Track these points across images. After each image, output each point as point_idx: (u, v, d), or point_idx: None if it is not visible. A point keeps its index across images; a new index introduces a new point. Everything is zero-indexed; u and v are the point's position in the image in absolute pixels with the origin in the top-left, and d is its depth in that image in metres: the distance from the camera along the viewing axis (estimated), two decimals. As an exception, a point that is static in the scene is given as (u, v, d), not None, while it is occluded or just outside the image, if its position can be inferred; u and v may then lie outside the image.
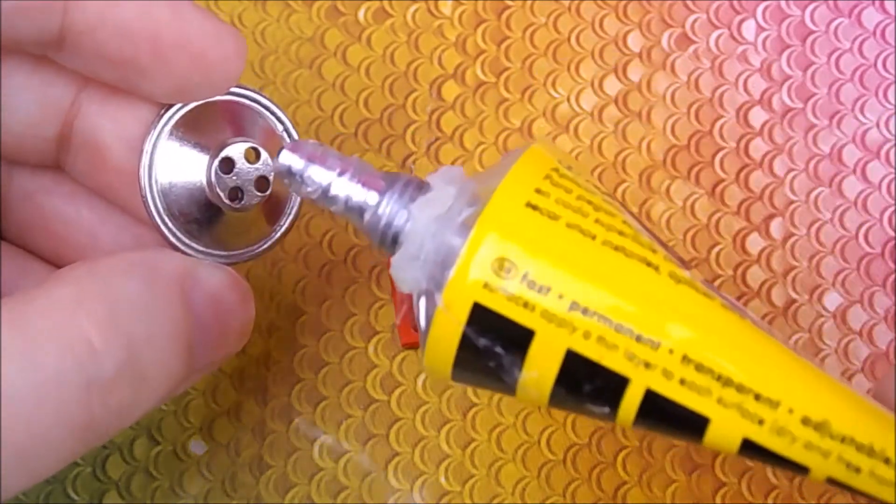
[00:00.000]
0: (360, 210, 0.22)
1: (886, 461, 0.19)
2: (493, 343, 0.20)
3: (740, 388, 0.19)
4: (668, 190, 0.30)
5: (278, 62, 0.32)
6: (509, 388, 0.21)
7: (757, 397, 0.19)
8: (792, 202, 0.30)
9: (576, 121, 0.31)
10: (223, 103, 0.25)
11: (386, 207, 0.22)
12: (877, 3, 0.32)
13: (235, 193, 0.25)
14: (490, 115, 0.31)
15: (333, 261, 0.30)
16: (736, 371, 0.19)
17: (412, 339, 0.29)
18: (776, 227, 0.30)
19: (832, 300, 0.30)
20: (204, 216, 0.25)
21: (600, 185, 0.21)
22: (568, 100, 0.31)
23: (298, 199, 0.25)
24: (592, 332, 0.19)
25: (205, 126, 0.24)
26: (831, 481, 0.19)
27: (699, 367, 0.19)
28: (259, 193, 0.25)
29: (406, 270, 0.21)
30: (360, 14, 0.32)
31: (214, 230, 0.25)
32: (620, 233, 0.20)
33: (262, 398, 0.29)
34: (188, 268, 0.23)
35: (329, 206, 0.22)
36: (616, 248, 0.20)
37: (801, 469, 0.19)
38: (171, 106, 0.24)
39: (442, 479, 0.28)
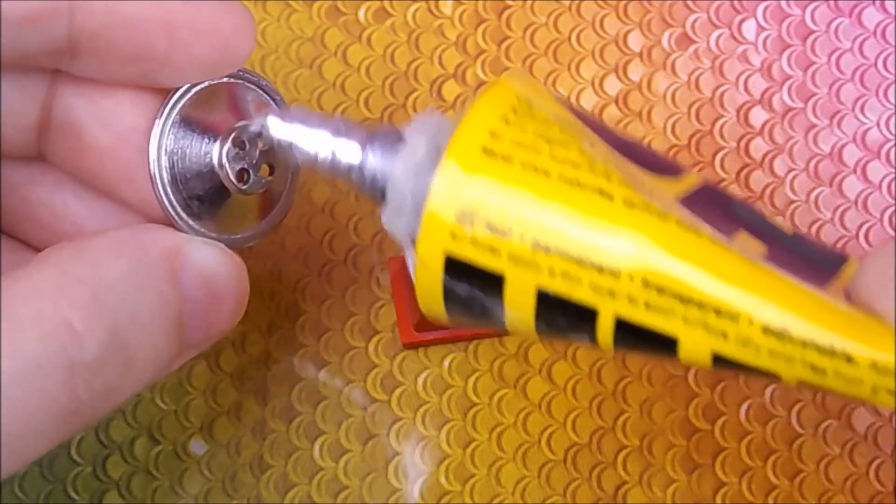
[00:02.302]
0: (347, 170, 0.22)
1: (848, 360, 0.19)
2: (472, 289, 0.21)
3: (701, 305, 0.19)
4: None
5: (279, 62, 0.32)
6: (501, 326, 0.21)
7: (717, 312, 0.19)
8: (792, 202, 0.30)
9: (576, 120, 0.31)
10: (225, 85, 0.25)
11: (369, 164, 0.22)
12: (877, 2, 0.32)
13: (243, 175, 0.25)
14: (490, 114, 0.31)
15: (334, 260, 0.30)
16: (694, 289, 0.19)
17: (412, 338, 0.29)
18: (776, 227, 0.30)
19: (832, 300, 0.30)
20: (208, 195, 0.24)
21: (563, 105, 0.22)
22: (568, 100, 0.31)
23: (293, 186, 0.25)
24: (556, 268, 0.20)
25: (210, 107, 0.24)
26: (803, 384, 0.19)
27: (660, 290, 0.19)
28: (266, 177, 0.25)
29: (393, 224, 0.21)
30: (361, 14, 0.32)
31: (216, 212, 0.25)
32: (575, 164, 0.20)
33: (262, 398, 0.29)
34: (178, 244, 0.22)
35: (318, 169, 0.23)
36: (570, 182, 0.20)
37: (772, 376, 0.20)
38: (176, 90, 0.24)
39: (442, 479, 0.28)
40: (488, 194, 0.20)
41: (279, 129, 0.23)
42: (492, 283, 0.20)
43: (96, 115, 0.24)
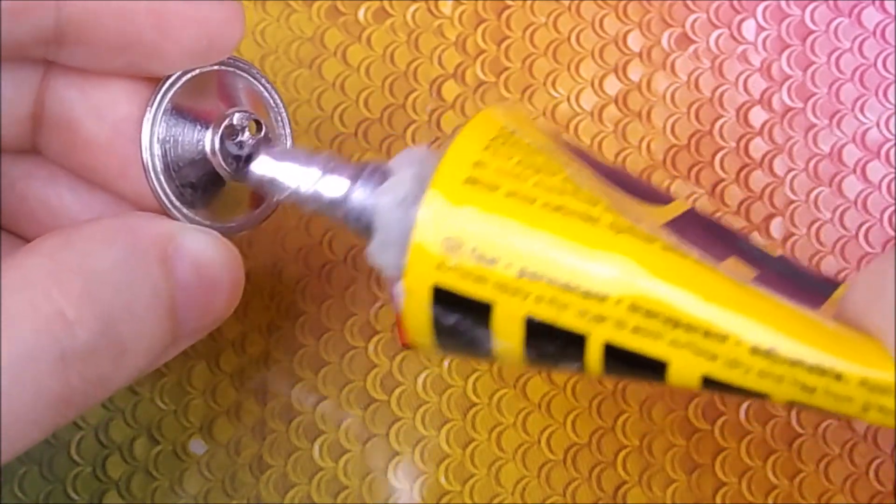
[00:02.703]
0: (332, 206, 0.22)
1: (838, 378, 0.19)
2: (461, 320, 0.21)
3: (689, 328, 0.19)
4: (668, 189, 0.30)
5: (278, 62, 0.32)
6: (491, 357, 0.21)
7: (706, 334, 0.19)
8: (792, 202, 0.30)
9: (576, 120, 0.31)
10: (215, 73, 0.25)
11: (355, 199, 0.22)
12: (877, 2, 0.32)
13: (236, 162, 0.24)
14: (490, 114, 0.31)
15: (333, 260, 0.30)
16: (682, 311, 0.19)
17: (412, 338, 0.29)
18: (776, 227, 0.30)
19: (832, 300, 0.30)
20: (201, 183, 0.24)
21: (548, 135, 0.22)
22: (568, 99, 0.31)
23: None
24: (544, 294, 0.20)
25: (201, 95, 0.24)
26: (793, 404, 0.19)
27: (647, 313, 0.19)
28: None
29: (381, 258, 0.21)
30: (360, 14, 0.32)
31: (210, 200, 0.25)
32: (560, 191, 0.20)
33: (262, 398, 0.29)
34: (171, 232, 0.22)
35: (305, 206, 0.23)
36: (556, 208, 0.20)
37: (762, 396, 0.19)
38: (167, 78, 0.24)
39: (442, 479, 0.28)
40: (474, 224, 0.20)
41: (266, 167, 0.23)
42: (480, 312, 0.20)
43: (89, 106, 0.24)
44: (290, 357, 0.29)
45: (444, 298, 0.20)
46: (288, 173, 0.23)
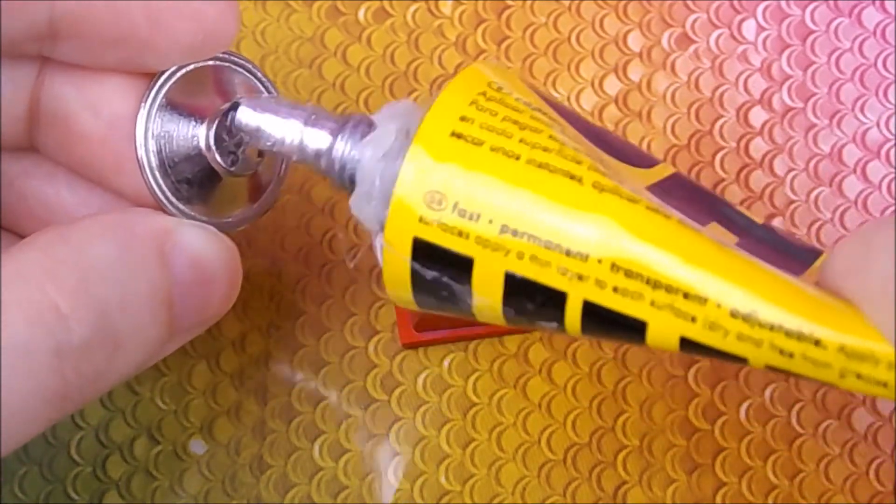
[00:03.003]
0: (316, 156, 0.22)
1: (816, 343, 0.19)
2: (441, 274, 0.21)
3: (669, 289, 0.19)
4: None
5: (278, 62, 0.32)
6: (469, 313, 0.21)
7: (686, 295, 0.19)
8: (792, 202, 0.30)
9: (576, 120, 0.31)
10: (211, 68, 0.25)
11: (339, 151, 0.22)
12: (877, 2, 0.32)
13: (231, 157, 0.24)
14: (490, 114, 0.31)
15: (334, 260, 0.30)
16: (662, 272, 0.19)
17: (412, 338, 0.29)
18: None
19: (832, 300, 0.29)
20: (197, 178, 0.24)
21: (535, 93, 0.22)
22: (568, 99, 0.31)
23: (285, 169, 0.25)
24: (525, 251, 0.20)
25: (197, 90, 0.24)
26: (771, 368, 0.19)
27: (628, 273, 0.19)
28: (256, 158, 0.25)
29: (362, 210, 0.21)
30: (361, 14, 0.32)
31: (206, 195, 0.25)
32: (545, 149, 0.20)
33: (262, 398, 0.29)
34: (168, 227, 0.22)
35: (289, 155, 0.23)
36: (540, 166, 0.20)
37: (740, 360, 0.19)
38: (162, 73, 0.24)
39: (442, 479, 0.28)
40: (457, 179, 0.20)
41: (250, 117, 0.23)
42: (460, 267, 0.20)
43: (84, 102, 0.24)
44: (290, 357, 0.29)
45: (424, 252, 0.20)
46: (272, 123, 0.23)
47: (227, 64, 0.25)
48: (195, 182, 0.24)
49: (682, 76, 0.32)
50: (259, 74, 0.25)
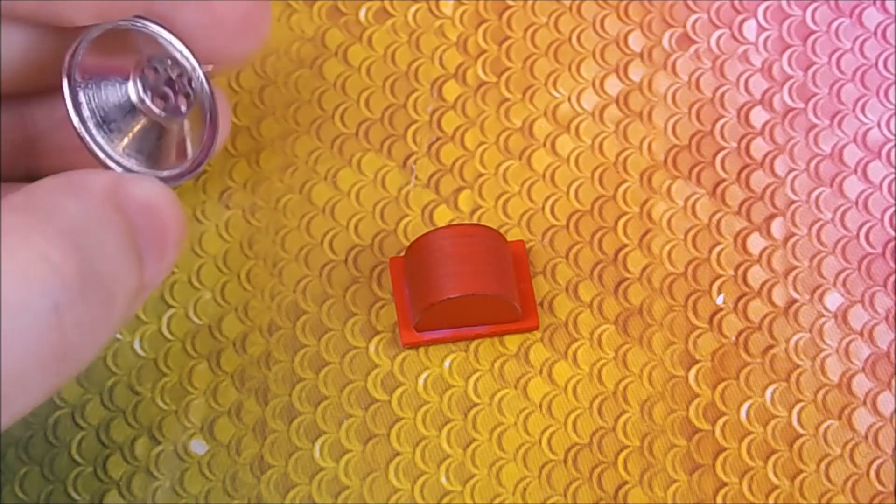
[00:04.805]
0: None
1: None
2: None
3: None
4: (669, 190, 0.30)
5: (279, 62, 0.32)
6: None
7: None
8: (793, 202, 0.30)
9: (577, 121, 0.31)
10: (125, 32, 0.25)
11: None
12: (878, 3, 0.32)
13: (163, 100, 0.25)
14: (491, 114, 0.31)
15: (334, 261, 0.30)
16: None
17: (413, 339, 0.29)
18: (777, 227, 0.30)
19: (833, 300, 0.30)
20: (136, 134, 0.25)
21: None
22: (569, 100, 0.31)
23: (214, 122, 0.26)
24: None
25: (115, 50, 0.25)
26: None
27: None
28: (185, 99, 0.25)
29: None
30: (361, 14, 0.32)
31: (145, 151, 0.25)
32: None
33: (262, 398, 0.29)
34: (116, 180, 0.23)
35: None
36: None
37: None
38: (74, 47, 0.24)
39: (443, 479, 0.28)
40: None
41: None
42: None
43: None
44: (291, 357, 0.29)
45: None
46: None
47: (131, 25, 0.25)
48: (134, 138, 0.25)
49: (682, 76, 0.32)
50: (164, 32, 0.25)
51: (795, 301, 0.29)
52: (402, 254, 0.29)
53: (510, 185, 0.31)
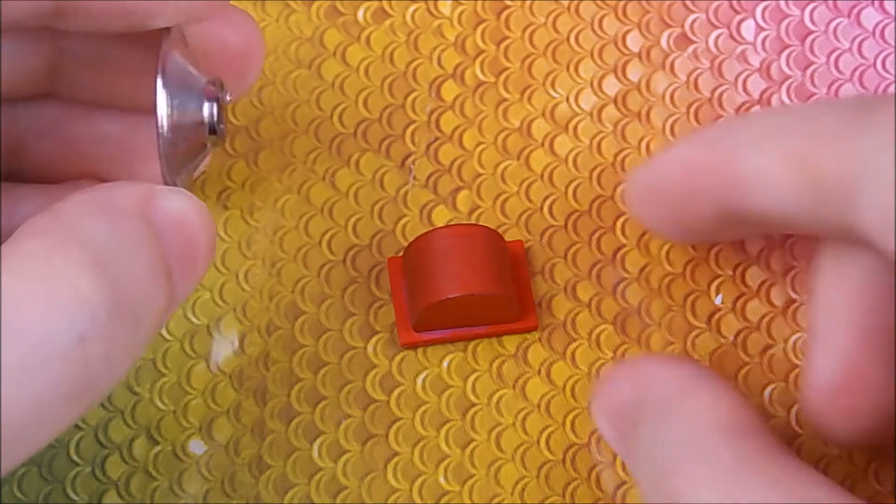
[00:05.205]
0: None
1: None
2: None
3: None
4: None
5: (277, 62, 0.32)
6: None
7: None
8: (791, 202, 0.30)
9: (575, 121, 0.31)
10: (188, 45, 0.25)
11: None
12: (876, 3, 0.32)
13: (217, 126, 0.25)
14: (489, 114, 0.31)
15: (333, 261, 0.30)
16: None
17: (411, 339, 0.29)
18: (775, 227, 0.30)
19: (831, 300, 0.29)
20: (191, 147, 0.25)
21: None
22: (567, 100, 0.31)
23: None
24: None
25: (188, 60, 0.25)
26: None
27: None
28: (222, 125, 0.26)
29: None
30: (360, 14, 0.32)
31: (183, 165, 0.25)
32: None
33: (261, 398, 0.29)
34: (148, 194, 0.22)
35: None
36: None
37: None
38: (163, 41, 0.24)
39: (441, 479, 0.28)
40: None
41: None
42: None
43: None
44: (290, 357, 0.29)
45: None
46: None
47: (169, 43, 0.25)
48: (186, 155, 0.25)
49: (681, 76, 0.32)
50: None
51: (794, 301, 0.29)
52: (401, 254, 0.29)
53: (508, 186, 0.31)
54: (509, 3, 0.32)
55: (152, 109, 0.24)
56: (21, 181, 0.26)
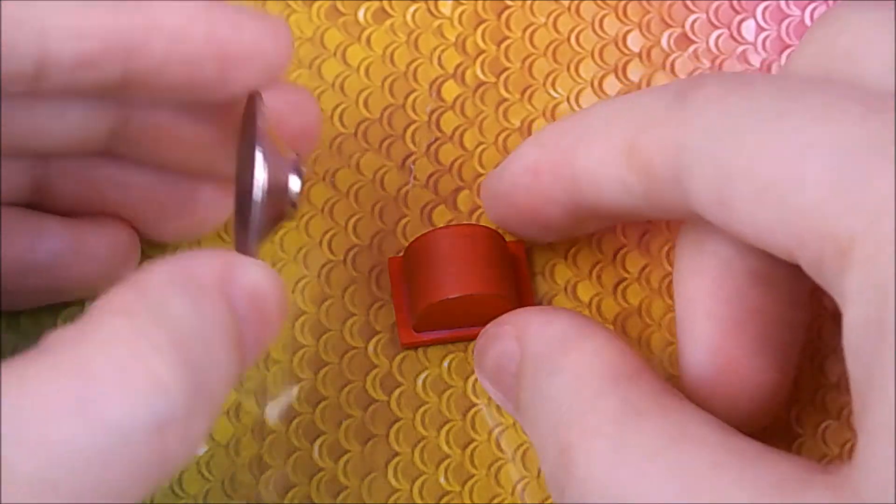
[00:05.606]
0: None
1: None
2: None
3: None
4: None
5: (278, 62, 0.32)
6: None
7: None
8: (791, 202, 0.30)
9: (575, 121, 0.31)
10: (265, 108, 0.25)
11: None
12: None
13: (297, 199, 0.25)
14: (490, 115, 0.31)
15: (333, 261, 0.30)
16: None
17: (411, 339, 0.29)
18: (776, 228, 0.30)
19: (831, 300, 0.29)
20: (271, 219, 0.25)
21: None
22: (568, 100, 0.31)
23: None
24: None
25: (274, 134, 0.25)
26: None
27: None
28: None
29: None
30: (360, 14, 0.32)
31: (261, 234, 0.25)
32: None
33: (261, 399, 0.29)
34: (226, 266, 0.22)
35: None
36: None
37: None
38: (255, 113, 0.24)
39: (441, 480, 0.28)
40: None
41: None
42: None
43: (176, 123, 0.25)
44: (290, 357, 0.29)
45: None
46: None
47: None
48: (270, 222, 0.24)
49: (681, 76, 0.32)
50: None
51: (794, 301, 0.29)
52: (401, 254, 0.29)
53: (509, 186, 0.31)
54: (510, 3, 0.32)
55: (210, 171, 0.25)
56: (40, 209, 0.27)
